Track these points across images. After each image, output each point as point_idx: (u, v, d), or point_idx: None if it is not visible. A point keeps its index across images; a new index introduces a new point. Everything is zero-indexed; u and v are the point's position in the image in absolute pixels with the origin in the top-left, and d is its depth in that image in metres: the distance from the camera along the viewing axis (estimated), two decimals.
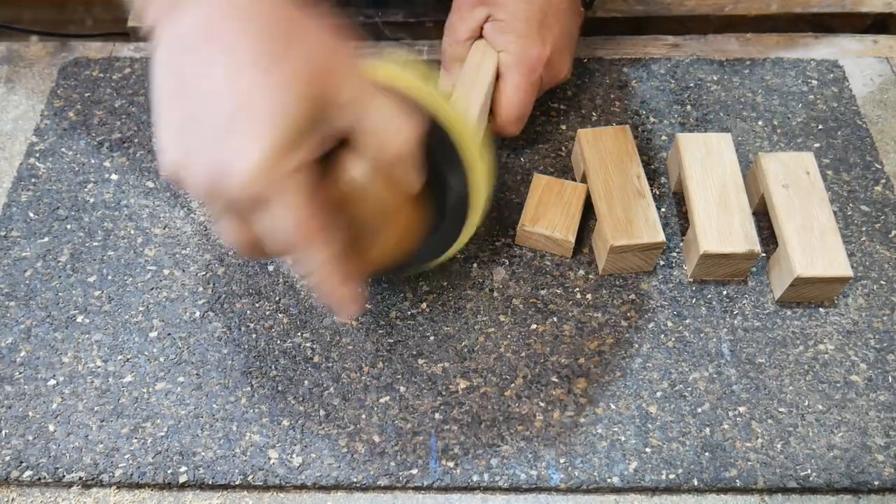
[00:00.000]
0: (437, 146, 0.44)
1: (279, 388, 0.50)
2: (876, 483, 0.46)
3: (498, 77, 0.57)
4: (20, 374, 0.50)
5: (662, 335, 0.52)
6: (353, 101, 0.38)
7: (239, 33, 0.36)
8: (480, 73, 0.57)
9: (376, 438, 0.48)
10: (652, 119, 0.63)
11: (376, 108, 0.38)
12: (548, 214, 0.55)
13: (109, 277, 0.54)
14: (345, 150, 0.40)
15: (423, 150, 0.41)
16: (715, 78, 0.66)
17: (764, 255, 0.55)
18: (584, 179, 0.57)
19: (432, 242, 0.47)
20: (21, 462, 0.47)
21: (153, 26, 0.38)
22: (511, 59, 0.57)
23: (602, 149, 0.56)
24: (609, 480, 0.46)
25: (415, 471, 0.46)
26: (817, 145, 0.61)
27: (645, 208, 0.53)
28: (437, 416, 0.49)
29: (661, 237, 0.52)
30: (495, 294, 0.54)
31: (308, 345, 0.51)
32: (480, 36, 0.59)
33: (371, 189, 0.40)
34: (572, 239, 0.54)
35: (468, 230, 0.48)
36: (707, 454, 0.47)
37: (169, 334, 0.52)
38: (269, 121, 0.35)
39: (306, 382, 0.50)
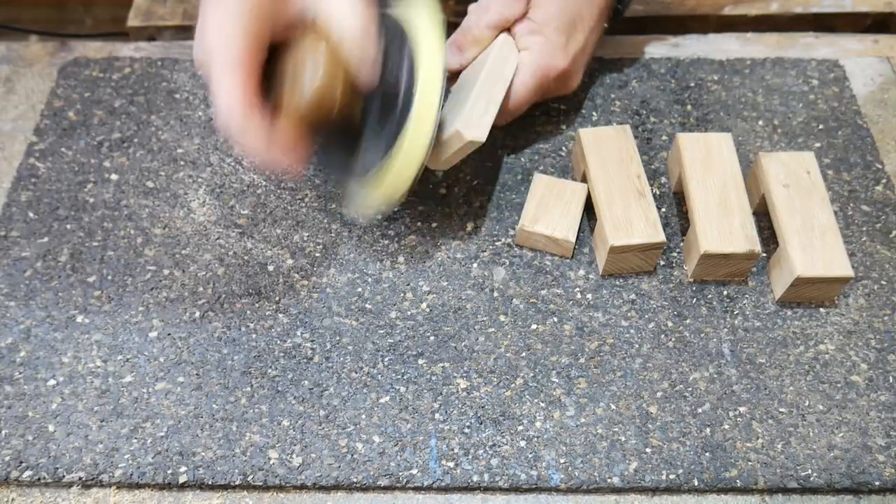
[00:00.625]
0: (392, 40, 0.46)
1: (279, 388, 0.50)
2: (877, 483, 0.46)
3: None
4: (20, 374, 0.50)
5: (663, 335, 0.52)
6: None
7: None
8: (506, 69, 0.56)
9: (376, 438, 0.48)
10: (652, 119, 0.63)
11: None
12: (548, 214, 0.55)
13: (109, 277, 0.54)
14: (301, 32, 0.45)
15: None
16: (715, 78, 0.66)
17: (764, 255, 0.55)
18: (584, 179, 0.57)
19: (377, 140, 0.48)
20: (21, 462, 0.47)
21: None
22: (530, 60, 0.57)
23: (602, 149, 0.56)
24: (609, 481, 0.46)
25: (415, 471, 0.46)
26: (818, 145, 0.61)
27: (645, 208, 0.53)
28: (437, 416, 0.48)
29: (662, 237, 0.52)
30: (495, 294, 0.54)
31: (308, 345, 0.51)
32: (507, 29, 0.58)
33: (325, 69, 0.44)
34: (572, 239, 0.54)
35: (414, 135, 0.47)
36: (707, 454, 0.47)
37: (169, 334, 0.52)
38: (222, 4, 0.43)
39: (306, 382, 0.50)
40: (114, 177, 0.60)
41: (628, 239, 0.52)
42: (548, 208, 0.55)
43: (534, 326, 0.52)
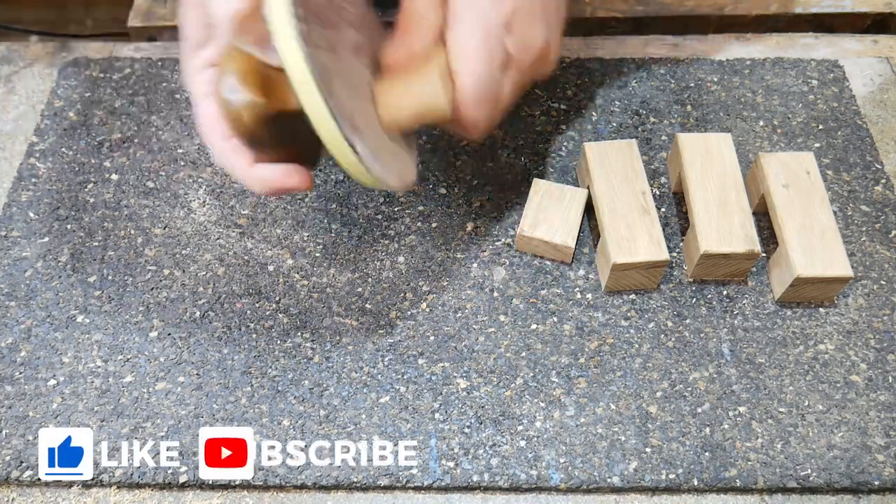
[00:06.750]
0: None
1: (279, 388, 0.50)
2: (876, 483, 0.46)
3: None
4: (20, 374, 0.50)
5: (662, 335, 0.52)
6: None
7: None
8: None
9: (376, 438, 0.48)
10: (652, 119, 0.63)
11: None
12: (547, 220, 0.54)
13: (109, 277, 0.54)
14: None
15: None
16: (715, 78, 0.66)
17: (764, 255, 0.55)
18: None
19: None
20: (21, 462, 0.47)
21: None
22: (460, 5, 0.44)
23: (607, 164, 0.56)
24: (609, 480, 0.46)
25: (415, 471, 0.47)
26: (817, 145, 0.61)
27: (649, 225, 0.53)
28: (437, 415, 0.49)
29: (665, 255, 0.51)
30: (495, 294, 0.54)
31: (308, 345, 0.51)
32: None
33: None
34: (572, 244, 0.54)
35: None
36: (707, 454, 0.47)
37: (169, 334, 0.52)
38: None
39: (306, 382, 0.50)
40: (114, 177, 0.60)
41: (631, 256, 0.51)
42: (547, 213, 0.55)
43: (534, 326, 0.52)
